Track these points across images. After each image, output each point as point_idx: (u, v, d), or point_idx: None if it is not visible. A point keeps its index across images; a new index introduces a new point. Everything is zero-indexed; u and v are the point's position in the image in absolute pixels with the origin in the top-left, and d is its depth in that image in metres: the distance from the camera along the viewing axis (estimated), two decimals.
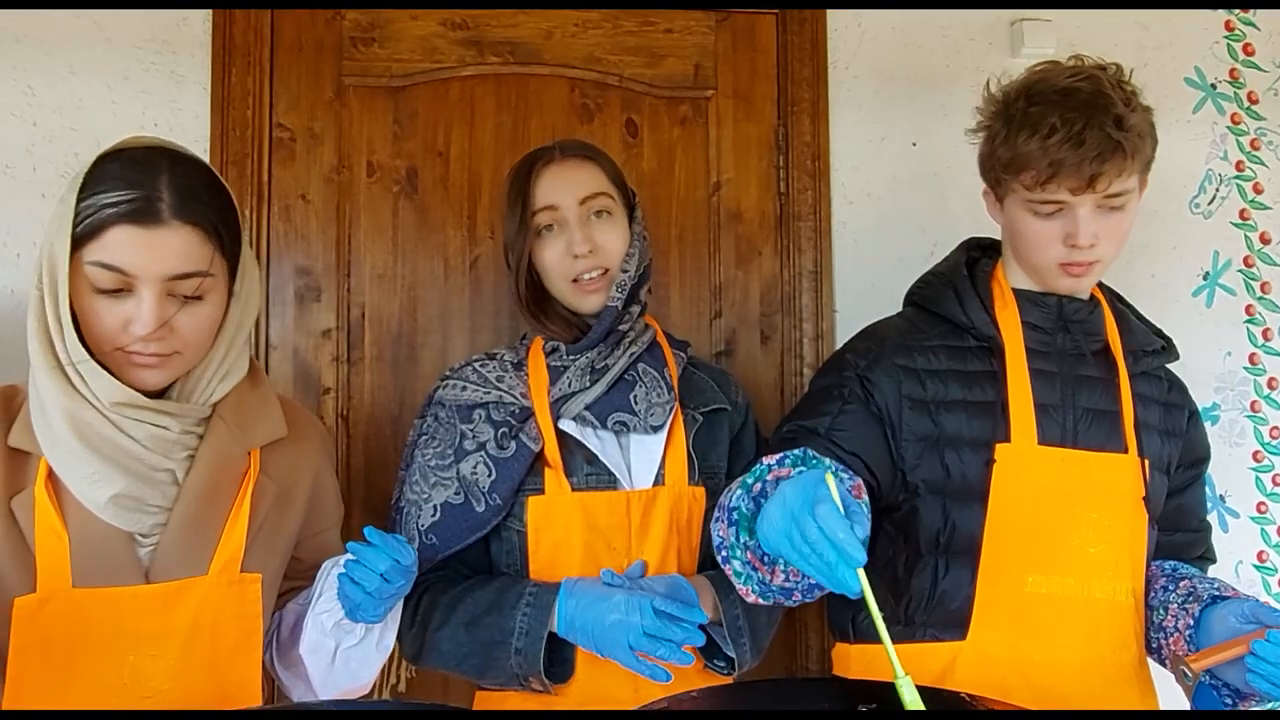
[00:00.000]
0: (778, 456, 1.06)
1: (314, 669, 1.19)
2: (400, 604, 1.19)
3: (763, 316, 1.91)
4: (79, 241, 1.02)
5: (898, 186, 1.94)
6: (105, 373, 1.04)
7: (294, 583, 1.28)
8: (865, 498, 1.04)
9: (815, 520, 0.89)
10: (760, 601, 1.06)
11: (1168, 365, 1.43)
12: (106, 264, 1.02)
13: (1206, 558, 1.45)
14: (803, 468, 1.04)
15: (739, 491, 1.06)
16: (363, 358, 1.83)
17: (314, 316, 1.82)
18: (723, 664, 1.31)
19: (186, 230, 1.04)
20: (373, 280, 1.83)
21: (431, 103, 1.85)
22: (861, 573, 0.90)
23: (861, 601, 1.34)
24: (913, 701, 0.93)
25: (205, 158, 1.77)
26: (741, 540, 1.04)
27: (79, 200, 1.02)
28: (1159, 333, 1.43)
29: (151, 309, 1.02)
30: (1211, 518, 1.53)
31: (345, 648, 1.17)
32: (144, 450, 1.06)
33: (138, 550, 1.09)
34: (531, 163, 1.38)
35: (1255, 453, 1.97)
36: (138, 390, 1.06)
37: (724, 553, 1.06)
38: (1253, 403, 1.98)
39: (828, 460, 1.05)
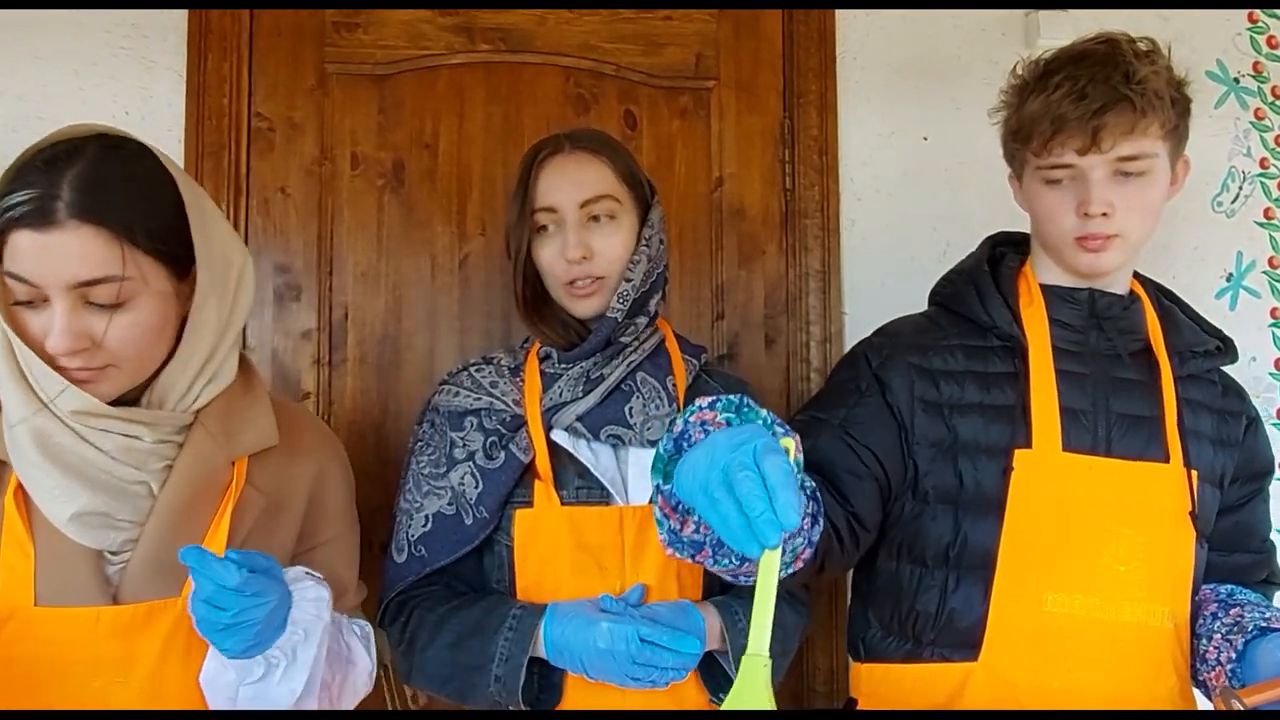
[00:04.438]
0: (709, 399, 0.96)
1: (214, 704, 1.06)
2: (314, 641, 1.06)
3: (767, 318, 1.83)
4: None
5: (909, 182, 1.86)
6: (63, 380, 0.97)
7: None
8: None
9: (757, 469, 0.81)
10: (673, 553, 0.98)
11: (1223, 368, 1.33)
12: (14, 274, 0.95)
13: (1272, 581, 1.35)
14: (733, 414, 0.95)
15: (664, 432, 0.98)
16: (345, 360, 1.74)
17: (293, 317, 1.73)
18: (726, 695, 1.22)
19: (87, 231, 0.94)
20: (356, 279, 1.75)
21: (419, 92, 1.77)
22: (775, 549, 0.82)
23: (868, 619, 1.30)
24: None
25: (179, 148, 1.71)
26: (654, 483, 0.96)
27: None
28: (1214, 331, 1.33)
29: (63, 321, 0.94)
30: None
31: (245, 683, 1.04)
32: (113, 462, 1.00)
33: (106, 569, 1.02)
34: (536, 153, 1.31)
35: None
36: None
37: (652, 499, 0.99)
38: (1279, 410, 1.90)
39: (764, 412, 0.96)
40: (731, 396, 0.97)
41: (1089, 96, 1.15)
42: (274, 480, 1.14)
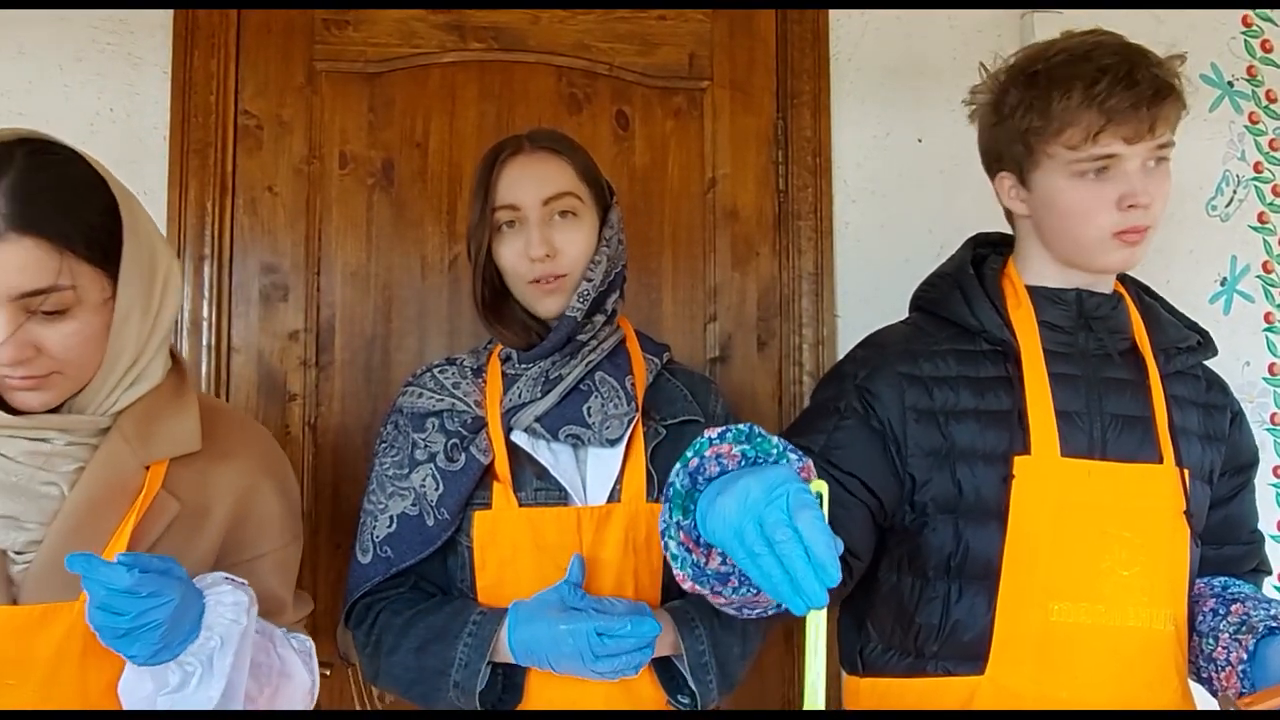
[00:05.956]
0: (719, 431, 0.96)
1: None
2: (231, 649, 1.02)
3: (760, 321, 1.81)
4: None
5: (903, 184, 1.85)
6: None
7: None
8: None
9: (792, 526, 0.81)
10: (697, 588, 0.97)
11: (1205, 362, 1.32)
12: None
13: (1261, 570, 1.34)
14: (745, 445, 0.95)
15: (677, 466, 0.98)
16: (333, 362, 1.72)
17: (280, 317, 1.71)
18: (686, 700, 1.22)
19: (27, 243, 0.93)
20: (344, 279, 1.73)
21: (410, 90, 1.75)
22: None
23: (867, 633, 1.29)
24: None
25: (165, 146, 1.69)
26: (674, 519, 0.96)
27: None
28: (1194, 326, 1.31)
29: (7, 332, 0.94)
30: None
31: (162, 693, 0.99)
32: (18, 465, 1.00)
33: (10, 569, 1.00)
34: (497, 154, 1.31)
35: (1276, 468, 1.88)
36: (26, 411, 1.00)
37: (664, 536, 0.98)
38: (1273, 415, 1.90)
39: (775, 439, 0.96)
40: (740, 426, 0.96)
41: (1141, 83, 1.13)
42: (195, 487, 1.10)
